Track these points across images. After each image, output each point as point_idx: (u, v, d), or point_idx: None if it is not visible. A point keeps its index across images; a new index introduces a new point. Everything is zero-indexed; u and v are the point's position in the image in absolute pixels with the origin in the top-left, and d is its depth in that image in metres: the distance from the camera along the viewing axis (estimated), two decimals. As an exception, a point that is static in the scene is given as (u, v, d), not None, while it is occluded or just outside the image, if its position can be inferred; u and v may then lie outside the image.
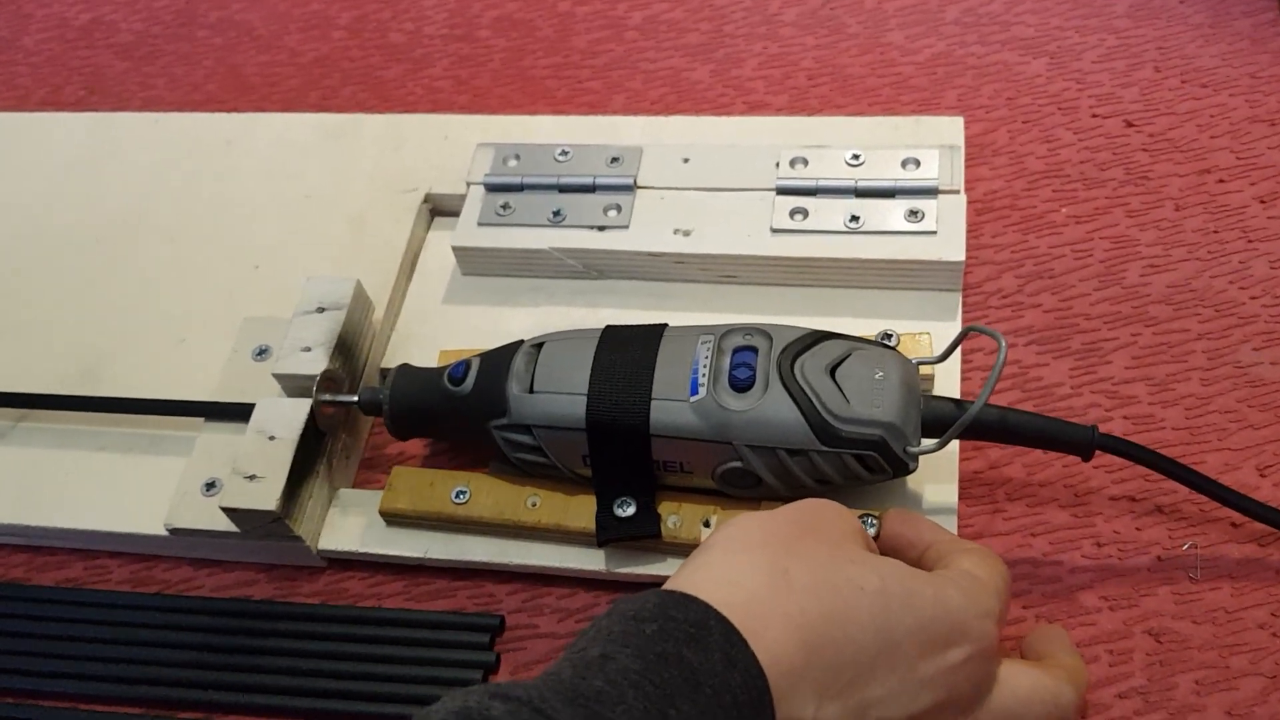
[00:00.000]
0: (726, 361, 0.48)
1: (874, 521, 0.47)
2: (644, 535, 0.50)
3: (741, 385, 0.47)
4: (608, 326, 0.51)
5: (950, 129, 0.60)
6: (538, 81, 0.70)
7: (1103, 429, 0.48)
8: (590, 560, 0.52)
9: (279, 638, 0.53)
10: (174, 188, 0.67)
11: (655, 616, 0.37)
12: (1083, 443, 0.47)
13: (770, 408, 0.46)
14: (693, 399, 0.47)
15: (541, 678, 0.35)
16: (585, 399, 0.48)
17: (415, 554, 0.53)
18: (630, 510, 0.50)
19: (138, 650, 0.53)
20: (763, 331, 0.48)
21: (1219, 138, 0.61)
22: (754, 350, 0.47)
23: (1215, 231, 0.58)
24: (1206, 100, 0.63)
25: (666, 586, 0.39)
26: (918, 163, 0.57)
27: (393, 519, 0.53)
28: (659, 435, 0.48)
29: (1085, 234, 0.59)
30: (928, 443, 0.47)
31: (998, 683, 0.42)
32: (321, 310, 0.55)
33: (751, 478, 0.48)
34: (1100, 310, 0.56)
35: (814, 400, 0.46)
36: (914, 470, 0.48)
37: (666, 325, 0.50)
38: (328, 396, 0.53)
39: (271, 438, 0.52)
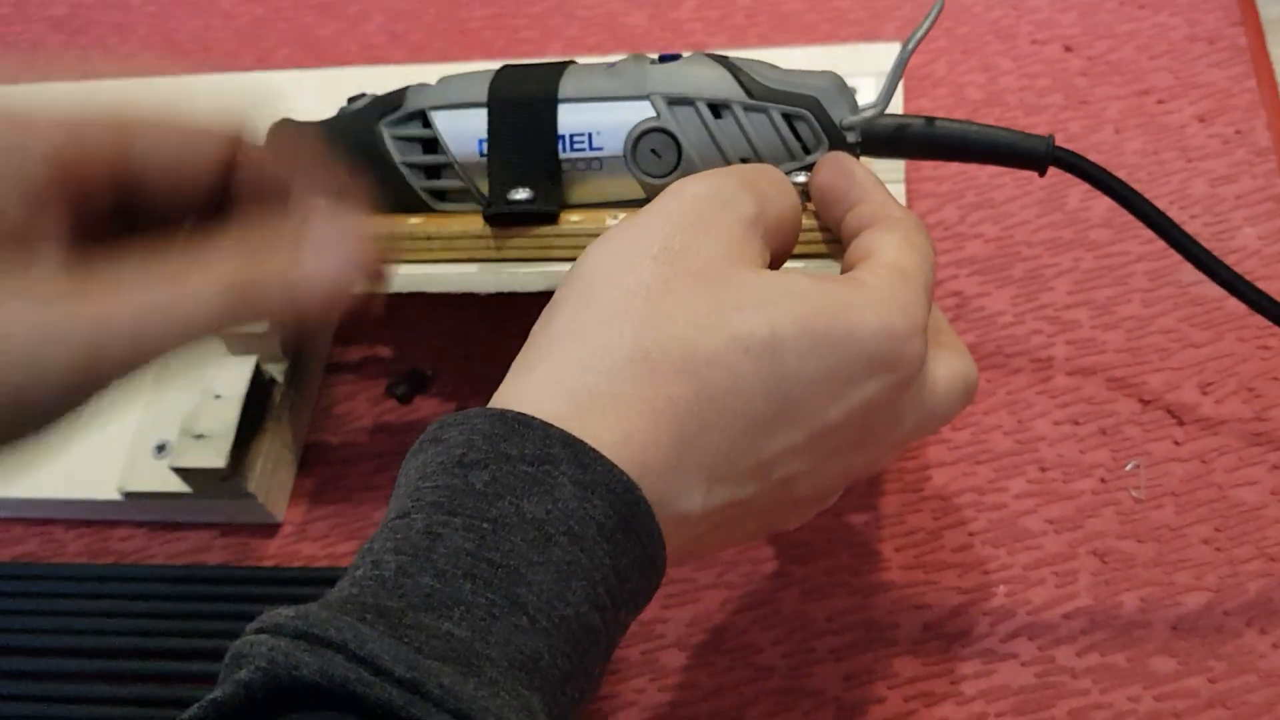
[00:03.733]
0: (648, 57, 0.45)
1: (803, 181, 0.42)
2: (539, 217, 0.44)
3: (666, 59, 0.44)
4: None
5: (887, 56, 0.59)
6: (474, 33, 0.69)
7: (1044, 355, 0.49)
8: (474, 269, 0.45)
9: (235, 602, 0.53)
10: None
11: (486, 459, 0.31)
12: (1038, 155, 0.43)
13: (695, 64, 0.44)
14: (610, 67, 0.45)
15: (363, 575, 0.30)
16: (490, 80, 0.45)
17: None
18: (526, 195, 0.44)
19: (96, 622, 0.53)
20: None
21: (1158, 58, 0.61)
22: (677, 54, 0.45)
23: (1155, 153, 0.58)
24: (1145, 21, 0.62)
25: (504, 394, 0.34)
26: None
27: None
28: (569, 99, 0.44)
29: (1025, 161, 0.59)
30: (865, 111, 0.43)
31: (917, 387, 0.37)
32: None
33: (670, 147, 0.44)
34: (1041, 237, 0.56)
35: (743, 65, 0.43)
36: (854, 146, 0.44)
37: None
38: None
39: (217, 396, 0.52)
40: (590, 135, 0.44)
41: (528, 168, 0.44)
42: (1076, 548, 0.48)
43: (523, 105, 0.44)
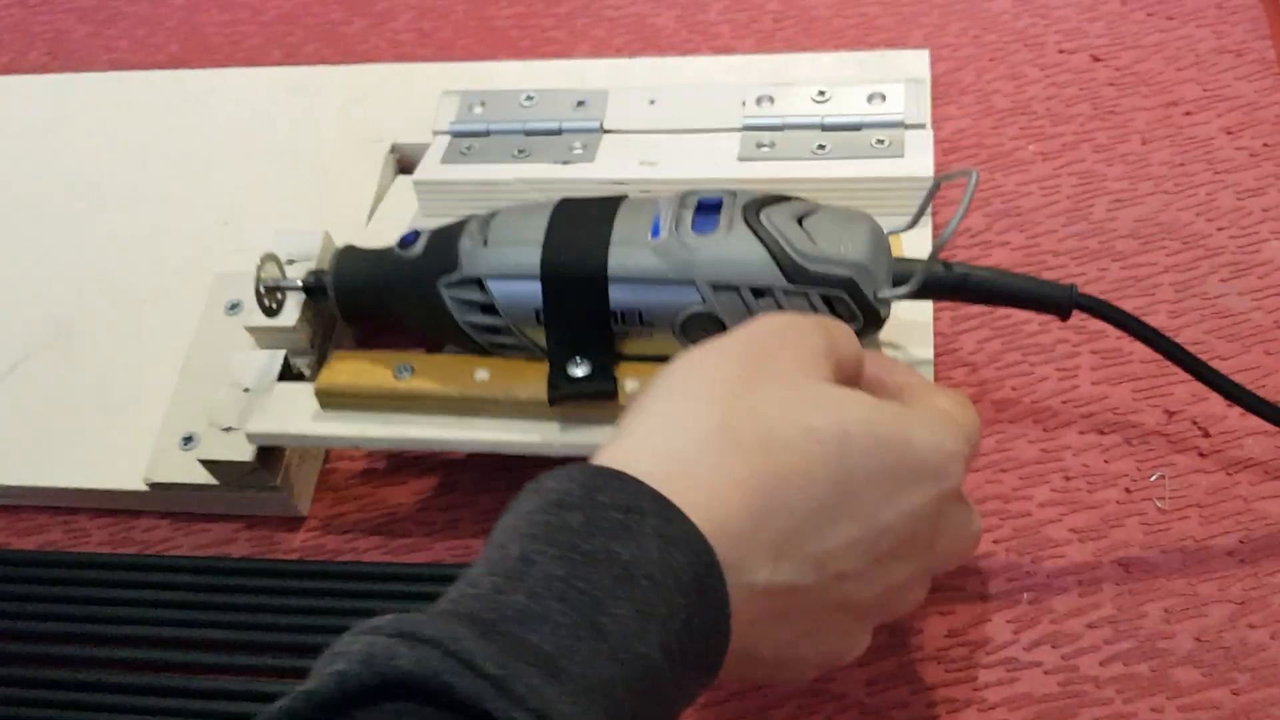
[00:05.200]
0: (689, 212, 0.46)
1: None
2: (599, 394, 0.47)
3: (705, 228, 0.46)
4: (564, 197, 0.49)
5: (915, 63, 0.60)
6: (501, 32, 0.69)
7: (1070, 364, 0.49)
8: (542, 433, 0.48)
9: (259, 594, 0.53)
10: (140, 147, 0.67)
11: (581, 503, 0.33)
12: (1062, 302, 0.45)
13: (734, 245, 0.45)
14: (654, 240, 0.46)
15: (459, 594, 0.32)
16: (541, 248, 0.47)
17: (350, 434, 0.50)
18: (585, 369, 0.47)
19: (118, 611, 0.53)
20: (727, 190, 0.47)
21: (1185, 70, 0.61)
22: (718, 204, 0.46)
23: (1182, 164, 0.58)
24: (1173, 32, 0.63)
25: (599, 457, 0.36)
26: (883, 97, 0.57)
27: (330, 401, 0.51)
28: (618, 279, 0.46)
29: (1052, 170, 0.59)
30: (900, 289, 0.45)
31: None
32: (291, 262, 0.55)
33: (716, 324, 0.46)
34: (1068, 246, 0.56)
35: (780, 241, 0.45)
36: (885, 319, 0.46)
37: (627, 195, 0.49)
38: (271, 282, 0.52)
39: (246, 389, 0.52)
40: (640, 313, 0.47)
41: (584, 338, 0.47)
42: (1101, 557, 0.48)
43: (574, 282, 0.46)
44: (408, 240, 0.50)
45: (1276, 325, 0.53)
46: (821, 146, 0.56)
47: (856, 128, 0.56)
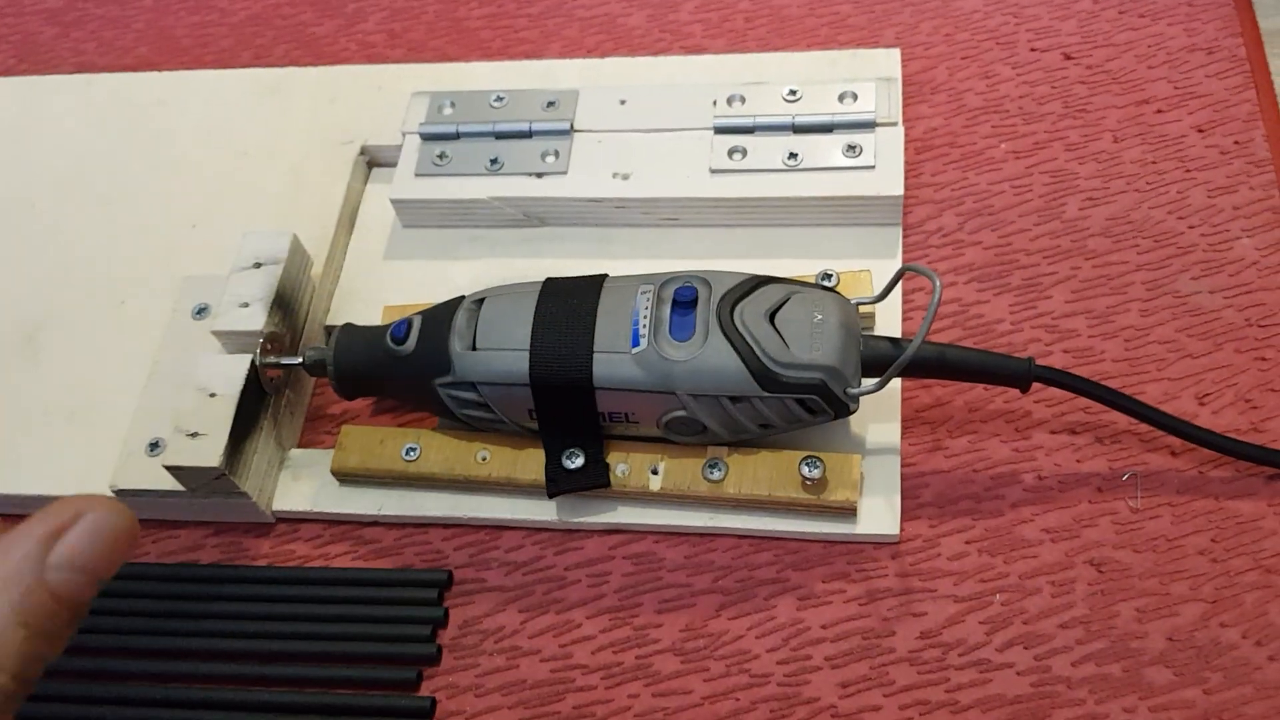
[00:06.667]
0: (666, 311, 0.48)
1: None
2: (594, 485, 0.50)
3: (682, 335, 0.47)
4: (548, 279, 0.50)
5: (887, 61, 0.60)
6: (472, 33, 0.69)
7: (1043, 363, 0.49)
8: (542, 511, 0.52)
9: (227, 601, 0.52)
10: (108, 149, 0.66)
11: None
12: (1020, 374, 0.47)
13: (711, 356, 0.46)
14: (634, 350, 0.47)
15: None
16: (528, 355, 0.48)
17: (370, 511, 0.53)
18: (579, 461, 0.50)
19: (85, 620, 0.53)
20: (702, 279, 0.48)
21: (1157, 68, 0.61)
22: (693, 299, 0.47)
23: (1153, 162, 0.58)
24: (1144, 30, 0.63)
25: None
26: (855, 96, 0.57)
27: (345, 478, 0.54)
28: (603, 388, 0.48)
29: (1024, 169, 0.59)
30: (868, 383, 0.47)
31: None
32: (259, 265, 0.54)
33: (696, 425, 0.48)
34: (1040, 245, 0.56)
35: (754, 347, 0.46)
36: (855, 410, 0.48)
37: (607, 276, 0.50)
38: (272, 359, 0.53)
39: (212, 394, 0.52)
40: (626, 414, 0.49)
41: (576, 432, 0.50)
42: (1073, 557, 0.48)
43: (562, 390, 0.48)
44: (399, 335, 0.51)
45: (1247, 323, 0.53)
46: (793, 155, 0.56)
47: (828, 128, 0.56)
